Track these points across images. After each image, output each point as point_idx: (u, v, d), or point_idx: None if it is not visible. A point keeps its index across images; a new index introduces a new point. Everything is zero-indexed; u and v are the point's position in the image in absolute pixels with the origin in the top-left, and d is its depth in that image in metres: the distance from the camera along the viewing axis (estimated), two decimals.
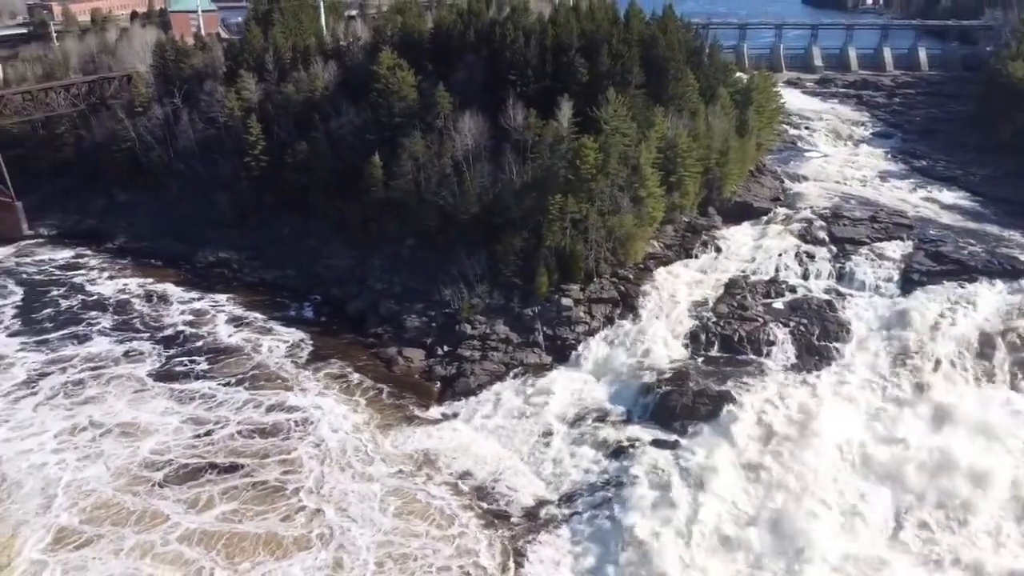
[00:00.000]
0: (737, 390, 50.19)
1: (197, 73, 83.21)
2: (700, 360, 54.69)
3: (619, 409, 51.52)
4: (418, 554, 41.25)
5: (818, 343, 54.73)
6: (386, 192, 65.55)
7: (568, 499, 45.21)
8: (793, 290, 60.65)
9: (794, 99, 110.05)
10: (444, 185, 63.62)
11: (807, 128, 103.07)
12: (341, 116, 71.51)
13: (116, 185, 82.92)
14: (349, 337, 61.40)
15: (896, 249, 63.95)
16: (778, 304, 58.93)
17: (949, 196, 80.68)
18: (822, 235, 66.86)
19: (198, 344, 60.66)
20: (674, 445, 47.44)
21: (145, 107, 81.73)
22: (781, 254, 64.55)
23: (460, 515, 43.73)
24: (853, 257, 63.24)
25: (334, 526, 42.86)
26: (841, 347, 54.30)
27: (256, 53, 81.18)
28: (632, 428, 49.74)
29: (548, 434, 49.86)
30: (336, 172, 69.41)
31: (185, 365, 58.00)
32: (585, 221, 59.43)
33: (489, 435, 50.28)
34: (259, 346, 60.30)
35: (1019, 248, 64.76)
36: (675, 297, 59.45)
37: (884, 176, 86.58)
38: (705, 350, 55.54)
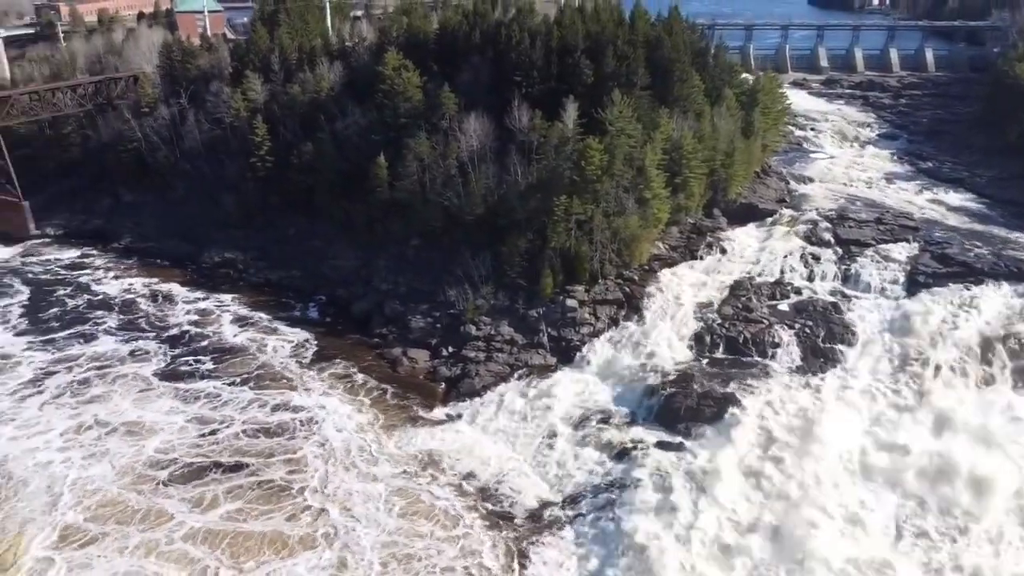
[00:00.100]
0: (742, 392, 50.15)
1: (203, 74, 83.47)
2: (705, 362, 54.61)
3: (623, 411, 51.46)
4: (422, 554, 41.26)
5: (823, 345, 54.62)
6: (391, 193, 65.65)
7: (572, 501, 45.13)
8: (798, 292, 60.52)
9: (800, 100, 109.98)
10: (449, 186, 63.66)
11: (813, 129, 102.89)
12: (347, 117, 71.59)
13: (122, 185, 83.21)
14: (354, 337, 61.49)
15: (902, 251, 63.77)
16: (783, 306, 58.81)
17: (955, 198, 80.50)
18: (827, 237, 66.69)
19: (203, 344, 60.86)
20: (678, 447, 47.41)
21: (151, 107, 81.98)
22: (786, 256, 64.41)
23: (464, 516, 43.74)
24: (859, 259, 63.04)
25: (339, 526, 42.92)
26: (846, 350, 54.19)
27: (262, 54, 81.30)
28: (636, 430, 49.70)
29: (552, 435, 49.81)
30: (341, 173, 69.52)
31: (190, 365, 58.20)
32: (590, 222, 59.43)
33: (493, 436, 50.29)
34: (264, 346, 60.47)
35: None
36: (680, 299, 59.34)
37: (890, 178, 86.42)
38: (710, 352, 55.47)
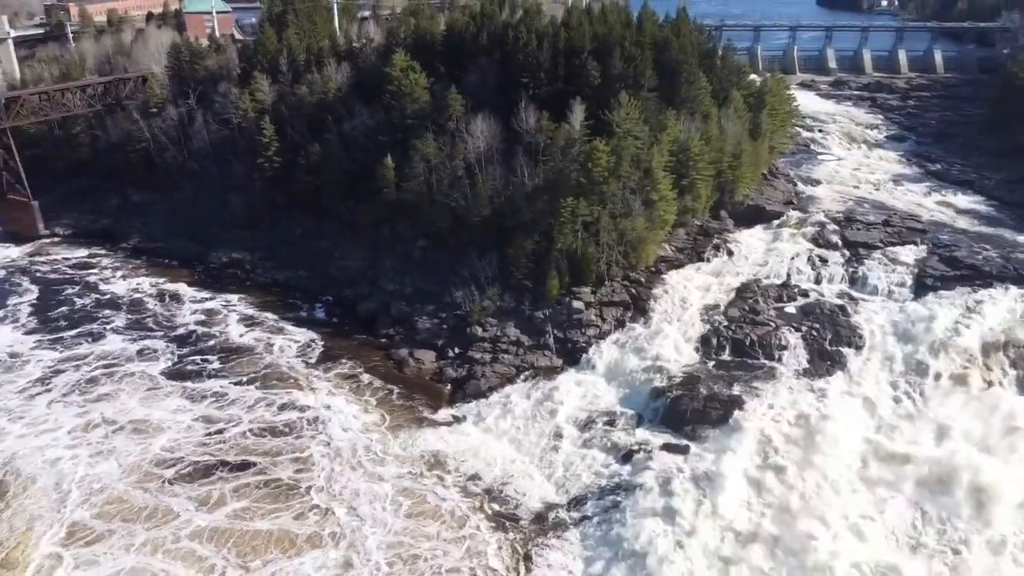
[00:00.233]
0: (748, 395, 50.01)
1: (211, 74, 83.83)
2: (711, 364, 54.46)
3: (629, 413, 51.34)
4: (428, 555, 41.28)
5: (830, 348, 54.36)
6: (398, 194, 65.74)
7: (578, 503, 45.04)
8: (805, 294, 60.35)
9: (808, 101, 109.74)
10: (456, 187, 63.70)
11: (821, 131, 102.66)
12: (354, 118, 71.74)
13: (131, 185, 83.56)
14: (360, 338, 61.60)
15: (909, 254, 63.58)
16: (790, 308, 58.60)
17: (964, 200, 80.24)
18: (835, 239, 66.56)
19: (210, 343, 61.10)
20: (684, 450, 47.28)
21: (160, 108, 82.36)
22: (793, 258, 64.30)
23: (470, 517, 43.72)
24: (866, 261, 62.90)
25: (345, 525, 42.97)
26: (853, 352, 53.89)
27: (270, 55, 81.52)
28: (642, 432, 49.61)
29: (558, 437, 49.71)
30: (348, 173, 69.66)
31: (197, 364, 58.42)
32: (596, 224, 59.38)
33: (499, 438, 50.25)
34: (271, 346, 60.65)
35: None
36: (686, 301, 59.27)
37: (898, 180, 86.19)
38: (716, 354, 55.31)
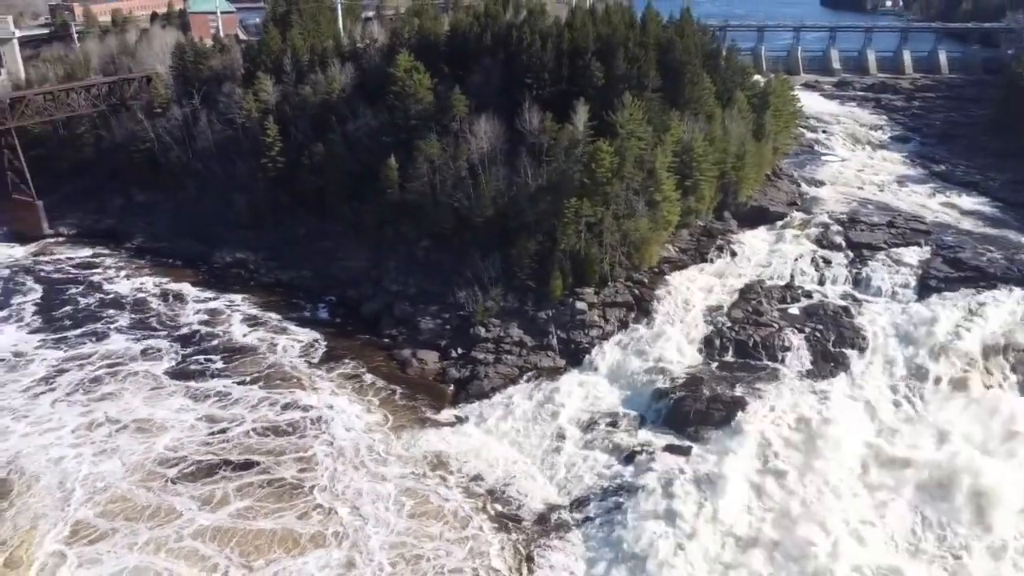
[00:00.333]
0: (751, 396, 49.96)
1: (215, 75, 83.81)
2: (714, 365, 54.42)
3: (632, 414, 51.28)
4: (431, 555, 41.28)
5: (833, 349, 54.33)
6: (401, 194, 65.74)
7: (580, 504, 44.99)
8: (809, 296, 60.34)
9: (812, 102, 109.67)
10: (459, 188, 63.69)
11: (824, 132, 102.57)
12: (358, 118, 71.71)
13: (135, 185, 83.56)
14: (363, 338, 61.59)
15: (913, 255, 63.58)
16: (793, 310, 58.60)
17: (968, 201, 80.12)
18: (839, 240, 66.59)
19: (214, 343, 61.12)
20: (687, 451, 47.23)
21: (164, 108, 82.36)
22: (797, 259, 64.30)
23: (473, 518, 43.69)
24: (870, 263, 62.89)
25: (348, 525, 42.97)
26: (856, 354, 53.88)
27: (274, 55, 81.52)
28: (645, 433, 49.54)
29: (561, 438, 49.65)
30: (352, 174, 69.64)
31: (201, 364, 58.41)
32: (600, 225, 59.37)
33: (502, 438, 50.22)
34: (274, 345, 60.65)
35: None
36: (690, 302, 59.24)
37: (902, 181, 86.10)
38: (720, 355, 55.26)
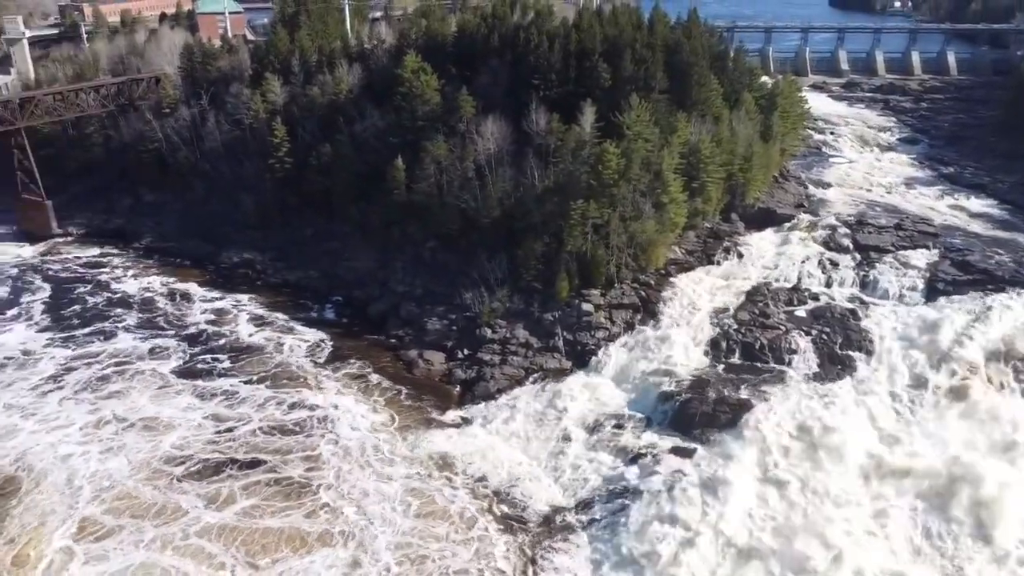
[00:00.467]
0: (757, 399, 49.80)
1: (223, 75, 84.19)
2: (721, 368, 54.31)
3: (638, 416, 51.27)
4: (436, 556, 41.34)
5: (840, 352, 54.17)
6: (408, 195, 65.90)
7: (586, 506, 44.95)
8: (816, 298, 60.16)
9: (819, 103, 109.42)
10: (466, 189, 63.78)
11: (832, 133, 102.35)
12: (365, 119, 71.91)
13: (143, 185, 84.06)
14: (370, 339, 61.74)
15: (921, 257, 63.37)
16: (800, 312, 58.44)
17: (977, 204, 79.80)
18: (846, 242, 66.38)
19: (221, 343, 61.41)
20: (692, 454, 47.09)
21: (172, 108, 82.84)
22: (804, 261, 64.16)
23: (478, 519, 43.74)
24: (877, 265, 62.68)
25: (354, 525, 43.10)
26: (862, 357, 53.66)
27: (282, 56, 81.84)
28: (651, 435, 49.48)
29: (566, 440, 49.66)
30: (359, 175, 69.86)
31: (207, 363, 58.74)
32: (607, 226, 59.35)
33: (508, 440, 50.23)
34: (281, 345, 60.89)
35: None
36: (696, 304, 59.16)
37: (910, 183, 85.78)
38: (726, 357, 55.13)
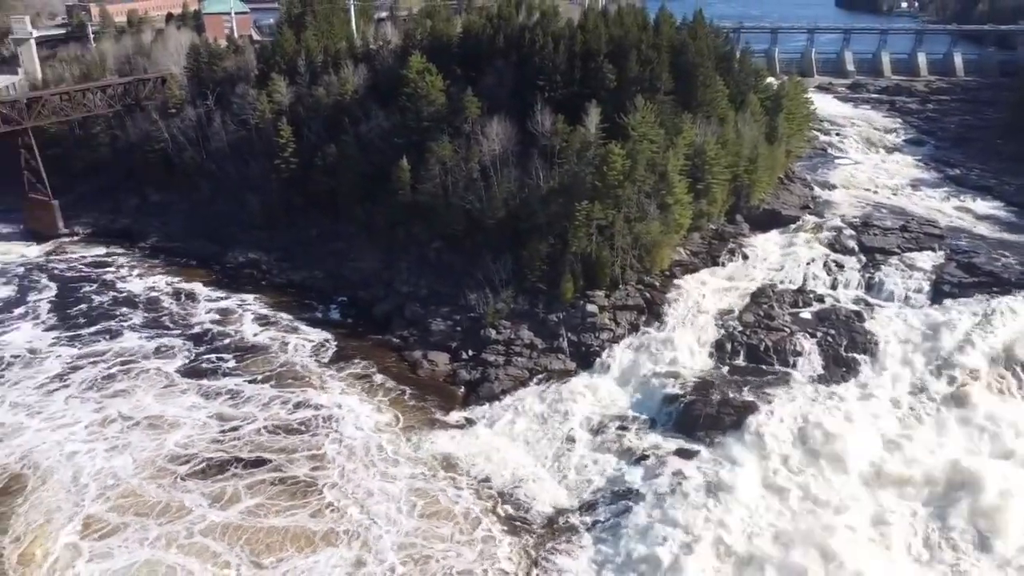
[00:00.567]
0: (762, 401, 49.71)
1: (229, 76, 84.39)
2: (725, 369, 54.22)
3: (643, 417, 51.22)
4: (440, 556, 41.41)
5: (845, 354, 54.01)
6: (413, 196, 65.96)
7: (590, 507, 44.93)
8: (821, 300, 60.01)
9: (825, 105, 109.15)
10: (471, 189, 63.83)
11: (838, 135, 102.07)
12: (370, 120, 71.99)
13: (149, 185, 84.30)
14: (374, 339, 61.80)
15: (927, 260, 63.11)
16: (805, 314, 58.29)
17: (983, 206, 79.48)
18: (851, 244, 66.19)
19: (225, 342, 61.58)
20: (697, 456, 47.03)
21: (178, 109, 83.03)
22: (809, 263, 63.97)
23: (482, 520, 43.78)
24: (883, 267, 62.49)
25: (358, 524, 43.18)
26: (868, 359, 53.52)
27: (288, 56, 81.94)
28: (655, 437, 49.41)
29: (571, 441, 49.65)
30: (365, 175, 69.91)
31: (212, 362, 58.90)
32: (611, 227, 59.31)
33: (512, 441, 50.21)
34: (285, 345, 61.05)
35: None
36: (701, 305, 59.01)
37: (916, 185, 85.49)
38: (730, 359, 55.02)
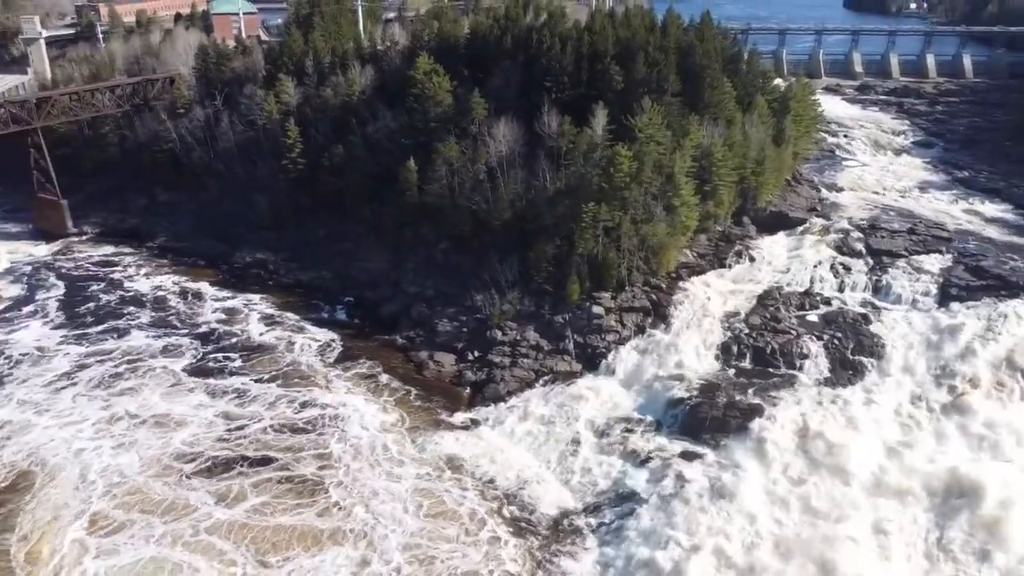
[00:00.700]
0: (768, 404, 49.63)
1: (237, 76, 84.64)
2: (731, 372, 54.14)
3: (648, 419, 51.20)
4: (445, 556, 41.51)
5: (852, 358, 53.83)
6: (420, 197, 66.09)
7: (595, 509, 44.97)
8: (828, 302, 59.79)
9: (833, 106, 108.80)
10: (478, 190, 63.89)
11: (846, 137, 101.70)
12: (377, 120, 72.09)
13: (158, 185, 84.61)
14: (381, 339, 61.92)
15: (935, 262, 62.76)
16: (812, 317, 58.11)
17: (992, 209, 79.04)
18: (859, 247, 65.91)
19: (232, 341, 61.80)
20: (702, 459, 46.99)
21: (187, 109, 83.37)
22: (816, 265, 63.77)
23: (487, 521, 43.87)
24: (890, 270, 62.20)
25: (363, 524, 43.34)
26: (874, 363, 53.34)
27: (296, 57, 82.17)
28: (661, 439, 49.39)
29: (576, 443, 49.64)
30: (372, 176, 70.08)
31: (219, 361, 59.12)
32: (618, 229, 59.30)
33: (517, 442, 50.27)
34: (292, 344, 61.23)
35: None
36: (707, 307, 58.88)
37: (924, 187, 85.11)
38: (737, 362, 54.93)
